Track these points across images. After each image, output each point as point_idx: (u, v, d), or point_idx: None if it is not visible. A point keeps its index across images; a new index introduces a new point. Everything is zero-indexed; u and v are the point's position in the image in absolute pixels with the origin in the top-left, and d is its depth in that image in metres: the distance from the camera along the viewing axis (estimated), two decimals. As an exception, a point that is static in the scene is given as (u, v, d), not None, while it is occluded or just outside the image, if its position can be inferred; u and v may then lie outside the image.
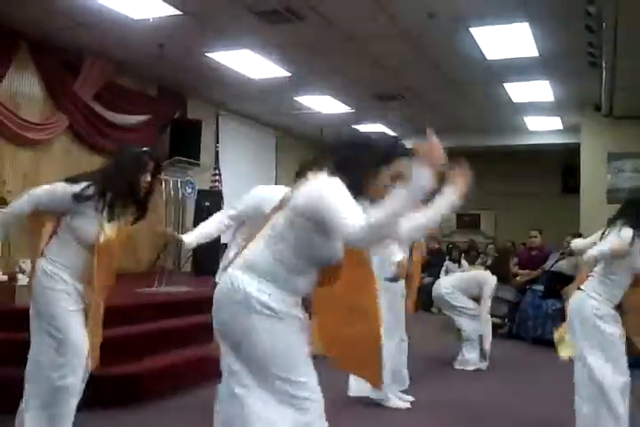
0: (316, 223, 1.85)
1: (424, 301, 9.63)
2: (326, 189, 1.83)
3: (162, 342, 4.54)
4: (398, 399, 4.09)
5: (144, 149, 2.88)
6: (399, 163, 1.99)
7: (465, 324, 5.41)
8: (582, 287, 3.17)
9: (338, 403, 2.32)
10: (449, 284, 5.54)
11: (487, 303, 5.42)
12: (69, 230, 2.77)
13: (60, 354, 2.69)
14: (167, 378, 4.22)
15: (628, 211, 3.18)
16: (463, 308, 5.45)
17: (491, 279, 5.52)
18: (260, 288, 1.91)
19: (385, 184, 1.94)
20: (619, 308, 3.12)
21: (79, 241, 2.76)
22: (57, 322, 2.71)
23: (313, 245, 1.91)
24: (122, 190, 2.75)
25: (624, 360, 3.05)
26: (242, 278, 1.94)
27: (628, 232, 3.05)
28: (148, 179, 2.79)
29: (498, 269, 6.02)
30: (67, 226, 2.77)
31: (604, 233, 3.19)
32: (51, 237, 2.83)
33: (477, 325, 5.39)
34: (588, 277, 3.19)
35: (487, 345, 5.36)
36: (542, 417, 3.43)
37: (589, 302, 3.10)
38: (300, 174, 3.75)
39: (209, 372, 4.45)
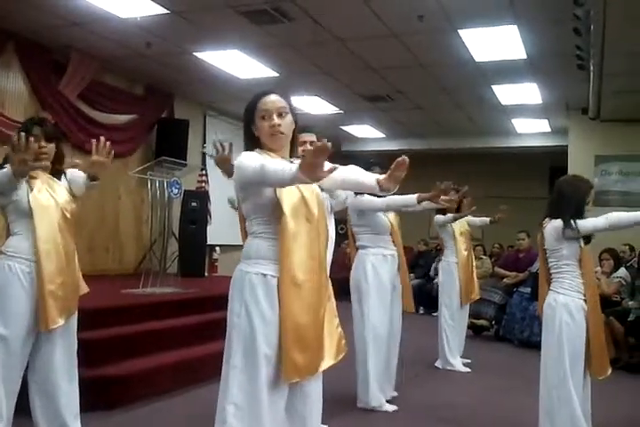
0: (251, 184, 2.20)
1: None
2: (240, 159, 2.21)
3: (147, 343, 4.50)
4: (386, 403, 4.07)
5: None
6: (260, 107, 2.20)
7: None
8: (551, 287, 3.23)
9: (327, 406, 2.30)
10: None
11: None
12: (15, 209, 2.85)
13: None
14: (153, 380, 4.18)
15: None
16: None
17: None
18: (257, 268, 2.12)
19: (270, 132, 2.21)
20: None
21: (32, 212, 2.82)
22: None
23: (261, 200, 2.19)
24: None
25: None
26: (240, 268, 2.17)
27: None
28: (42, 144, 2.85)
29: None
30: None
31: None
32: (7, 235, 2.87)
33: None
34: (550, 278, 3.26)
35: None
36: (529, 419, 3.43)
37: (560, 298, 3.16)
38: None
39: (196, 374, 4.43)
